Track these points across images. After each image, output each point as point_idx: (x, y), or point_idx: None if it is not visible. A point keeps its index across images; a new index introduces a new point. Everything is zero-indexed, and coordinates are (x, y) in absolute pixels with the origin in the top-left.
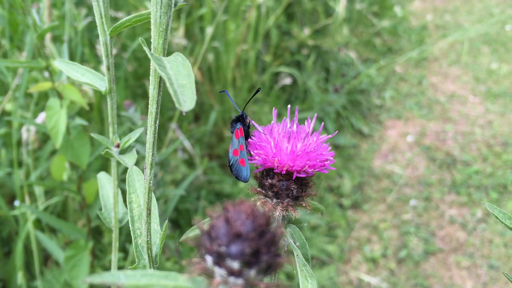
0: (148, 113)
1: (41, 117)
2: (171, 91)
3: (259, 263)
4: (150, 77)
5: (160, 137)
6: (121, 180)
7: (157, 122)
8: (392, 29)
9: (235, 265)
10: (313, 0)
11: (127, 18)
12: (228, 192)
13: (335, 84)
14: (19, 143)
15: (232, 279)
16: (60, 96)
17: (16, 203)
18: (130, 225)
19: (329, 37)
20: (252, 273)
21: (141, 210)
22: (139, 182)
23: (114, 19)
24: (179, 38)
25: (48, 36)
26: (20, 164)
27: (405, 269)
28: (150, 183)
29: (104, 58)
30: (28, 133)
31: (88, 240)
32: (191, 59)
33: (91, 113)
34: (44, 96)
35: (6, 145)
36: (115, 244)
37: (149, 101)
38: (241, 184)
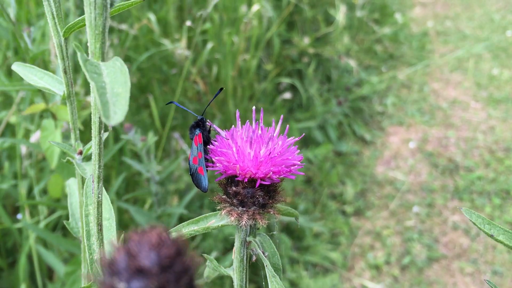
0: (92, 123)
1: (35, 136)
2: (98, 102)
3: None
4: (90, 85)
5: (163, 146)
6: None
7: (102, 132)
8: (393, 36)
9: None
10: (314, 8)
11: (80, 18)
12: None
13: (338, 96)
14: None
15: None
16: (54, 116)
17: (19, 216)
18: (85, 240)
19: (330, 45)
20: None
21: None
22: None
23: (119, 31)
24: (181, 49)
25: (52, 51)
26: (23, 176)
27: (409, 275)
28: (98, 196)
29: (59, 61)
30: (28, 147)
31: None
32: (193, 69)
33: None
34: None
35: (10, 158)
36: (84, 256)
37: (92, 110)
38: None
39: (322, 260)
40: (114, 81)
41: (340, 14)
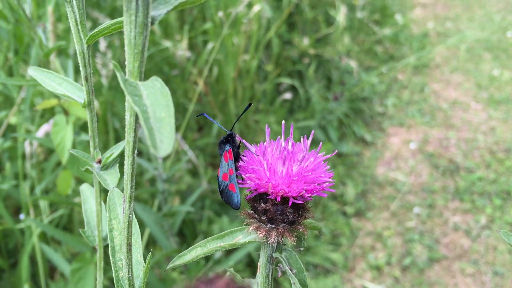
0: (126, 142)
1: (42, 130)
2: (145, 130)
3: None
4: (126, 103)
5: None
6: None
7: (135, 151)
8: (394, 37)
9: None
10: (314, 9)
11: (104, 25)
12: None
13: (334, 92)
14: (24, 156)
15: None
16: (66, 112)
17: (21, 216)
18: (110, 256)
19: (330, 45)
20: None
21: (122, 240)
22: (121, 206)
23: (120, 33)
24: (182, 50)
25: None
26: (25, 176)
27: (410, 276)
28: (129, 217)
29: (81, 68)
30: (31, 147)
31: (94, 253)
32: (194, 70)
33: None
34: (49, 109)
35: (12, 158)
36: (100, 264)
37: (126, 129)
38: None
39: (323, 261)
40: (156, 104)
41: (341, 15)
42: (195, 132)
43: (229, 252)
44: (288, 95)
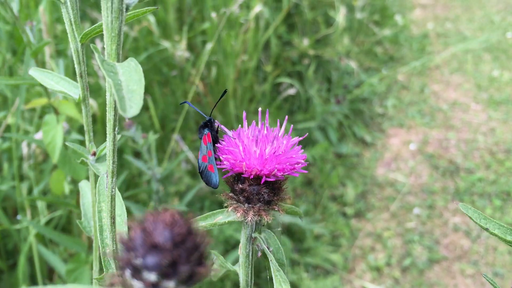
0: (107, 120)
1: (41, 132)
2: (116, 98)
3: (178, 273)
4: (106, 84)
5: (163, 148)
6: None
7: (116, 129)
8: (393, 38)
9: (152, 277)
10: (314, 10)
11: (97, 24)
12: None
13: (337, 95)
14: (22, 157)
15: None
16: (56, 111)
17: (19, 217)
18: (98, 234)
19: (330, 46)
20: (170, 284)
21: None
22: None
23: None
24: (181, 50)
25: (47, 52)
26: (23, 177)
27: (410, 277)
28: (112, 191)
29: (76, 65)
30: (28, 148)
31: (89, 253)
32: (193, 71)
33: (95, 126)
34: (47, 110)
35: (10, 159)
36: (96, 254)
37: (107, 108)
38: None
39: (323, 262)
40: (129, 79)
41: (340, 16)
42: (194, 133)
43: (226, 252)
44: (292, 91)
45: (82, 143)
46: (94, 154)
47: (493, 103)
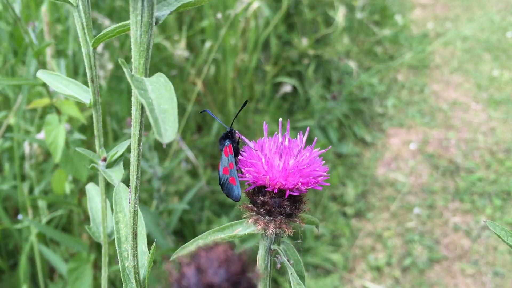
0: (132, 135)
1: (43, 132)
2: (151, 119)
3: None
4: (132, 98)
5: (163, 148)
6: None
7: (141, 144)
8: (393, 38)
9: None
10: (313, 10)
11: (109, 28)
12: (231, 202)
13: (332, 91)
14: (23, 157)
15: None
16: (58, 111)
17: (20, 217)
18: (117, 247)
19: (329, 46)
20: None
21: (128, 231)
22: (127, 200)
23: None
24: (181, 50)
25: (49, 52)
26: (24, 177)
27: (410, 277)
28: (135, 206)
29: (87, 70)
30: (30, 148)
31: (91, 253)
32: (193, 70)
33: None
34: (49, 110)
35: (11, 159)
36: (105, 260)
37: (132, 123)
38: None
39: (323, 262)
40: (160, 97)
41: (339, 15)
42: (194, 132)
43: None
44: (288, 88)
45: (84, 142)
46: (105, 159)
47: (493, 103)
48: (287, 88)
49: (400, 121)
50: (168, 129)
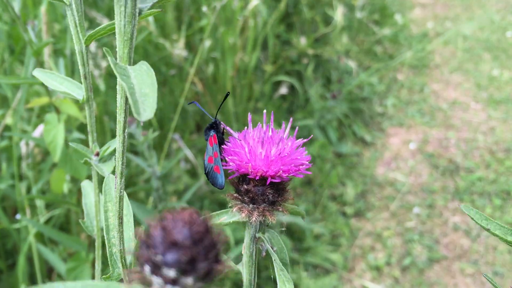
0: (117, 122)
1: (38, 130)
2: (130, 101)
3: (196, 270)
4: (118, 86)
5: (162, 147)
6: None
7: (126, 131)
8: (393, 37)
9: (171, 273)
10: (312, 9)
11: (101, 26)
12: None
13: (332, 90)
14: (21, 156)
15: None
16: (57, 110)
17: (18, 216)
18: (104, 234)
19: (329, 46)
20: (189, 280)
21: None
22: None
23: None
24: (179, 49)
25: (46, 51)
26: (22, 177)
27: (409, 277)
28: (120, 191)
29: (80, 67)
30: (27, 147)
31: (89, 252)
32: (192, 70)
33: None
34: (46, 109)
35: (8, 159)
36: (98, 253)
37: (117, 110)
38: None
39: (323, 262)
40: (142, 83)
41: (338, 14)
42: (193, 132)
43: (225, 251)
44: (284, 90)
45: (83, 142)
46: (98, 154)
47: (493, 102)
48: (283, 90)
49: (400, 121)
50: (147, 109)
